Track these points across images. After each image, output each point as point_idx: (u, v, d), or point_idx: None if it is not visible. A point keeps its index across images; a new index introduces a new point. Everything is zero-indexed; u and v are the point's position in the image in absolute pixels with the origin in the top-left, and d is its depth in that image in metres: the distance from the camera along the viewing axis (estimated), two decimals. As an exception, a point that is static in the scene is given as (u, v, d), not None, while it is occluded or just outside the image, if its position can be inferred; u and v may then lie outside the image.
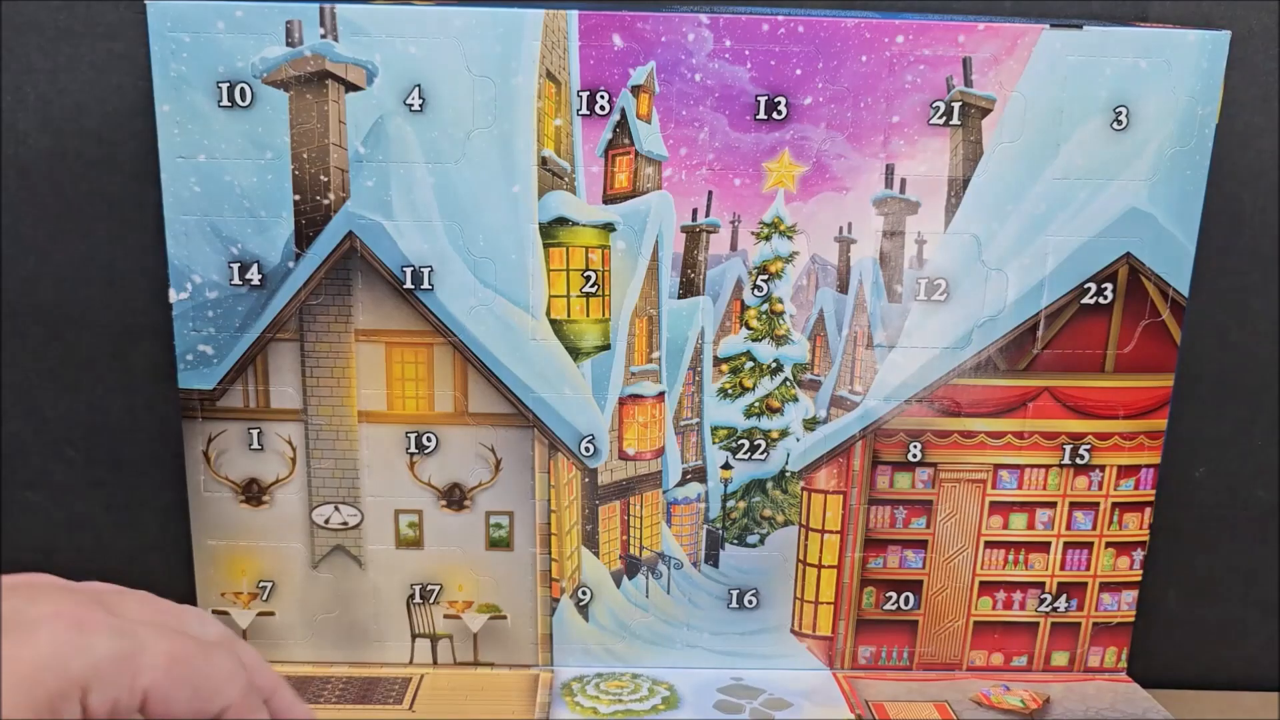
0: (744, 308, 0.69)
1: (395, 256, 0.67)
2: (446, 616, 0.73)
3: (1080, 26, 0.65)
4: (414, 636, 0.73)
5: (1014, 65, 0.65)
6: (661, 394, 0.70)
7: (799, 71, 0.65)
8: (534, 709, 0.68)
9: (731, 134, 0.66)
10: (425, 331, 0.68)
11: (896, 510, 0.72)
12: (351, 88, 0.64)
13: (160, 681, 0.37)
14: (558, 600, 0.73)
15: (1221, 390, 0.80)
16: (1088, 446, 0.71)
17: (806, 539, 0.72)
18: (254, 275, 0.67)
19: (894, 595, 0.73)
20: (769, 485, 0.72)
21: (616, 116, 0.66)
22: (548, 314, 0.68)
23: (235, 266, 0.67)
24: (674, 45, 0.65)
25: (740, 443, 0.71)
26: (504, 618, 0.73)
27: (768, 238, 0.68)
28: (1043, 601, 0.74)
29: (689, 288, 0.69)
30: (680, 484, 0.72)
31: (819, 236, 0.68)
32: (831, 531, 0.72)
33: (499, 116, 0.65)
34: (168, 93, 0.64)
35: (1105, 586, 0.73)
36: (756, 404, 0.71)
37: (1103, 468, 0.72)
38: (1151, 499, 0.73)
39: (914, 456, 0.71)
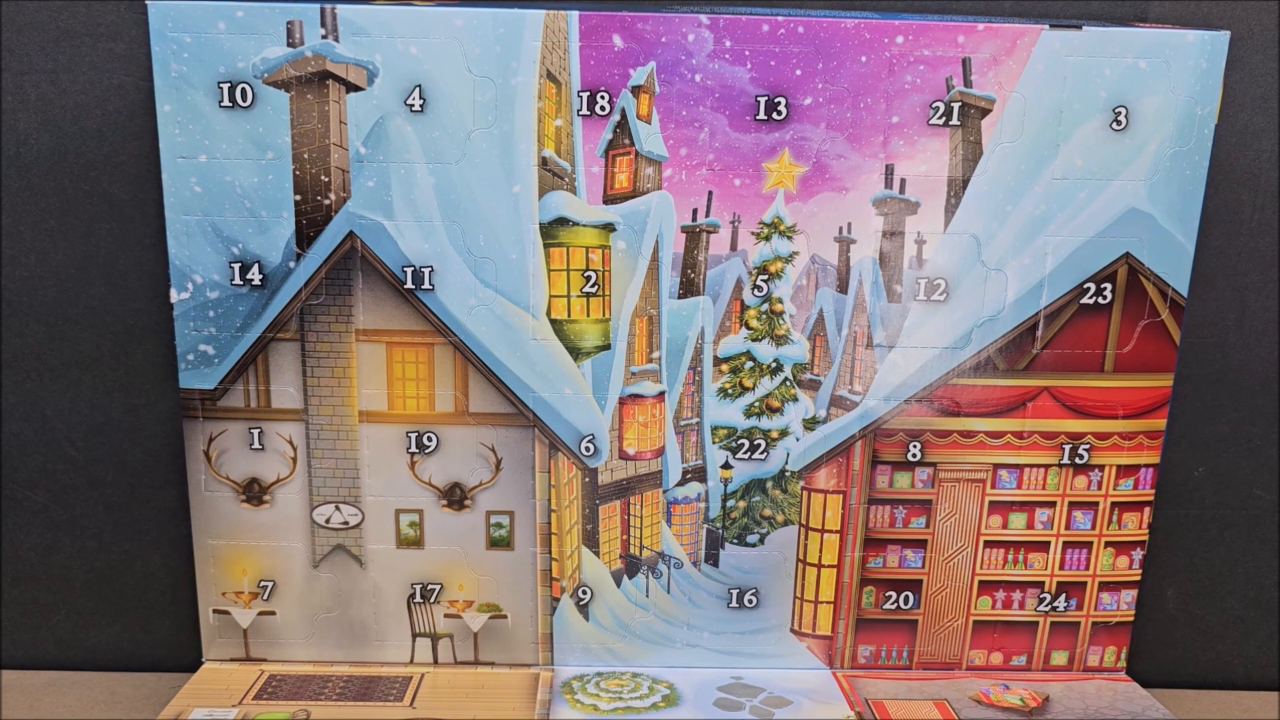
0: (744, 308, 0.69)
1: (396, 256, 0.67)
2: (447, 616, 0.73)
3: (1080, 27, 0.65)
4: (414, 636, 0.73)
5: (1013, 66, 0.65)
6: (661, 394, 0.70)
7: (799, 72, 0.65)
8: (534, 707, 0.68)
9: (731, 134, 0.66)
10: (426, 331, 0.68)
11: (896, 510, 0.72)
12: (352, 88, 0.65)
13: None
14: (558, 599, 0.73)
15: (1220, 390, 0.80)
16: (1087, 446, 0.71)
17: (806, 538, 0.72)
18: (255, 275, 0.67)
19: (894, 594, 0.73)
20: (769, 485, 0.72)
21: (617, 117, 0.66)
22: (548, 314, 0.68)
23: (236, 266, 0.67)
24: (674, 45, 0.65)
25: (740, 442, 0.71)
26: (504, 617, 0.73)
27: (768, 238, 0.68)
28: (1042, 601, 0.74)
29: (689, 288, 0.69)
30: (680, 483, 0.72)
31: (819, 236, 0.68)
32: (831, 531, 0.72)
33: (499, 116, 0.65)
34: (169, 93, 0.64)
35: (1104, 586, 0.74)
36: (756, 404, 0.71)
37: (1102, 467, 0.72)
38: (1151, 499, 0.73)
39: (914, 456, 0.71)
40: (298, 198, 0.66)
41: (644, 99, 0.65)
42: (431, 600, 0.72)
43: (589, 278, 0.68)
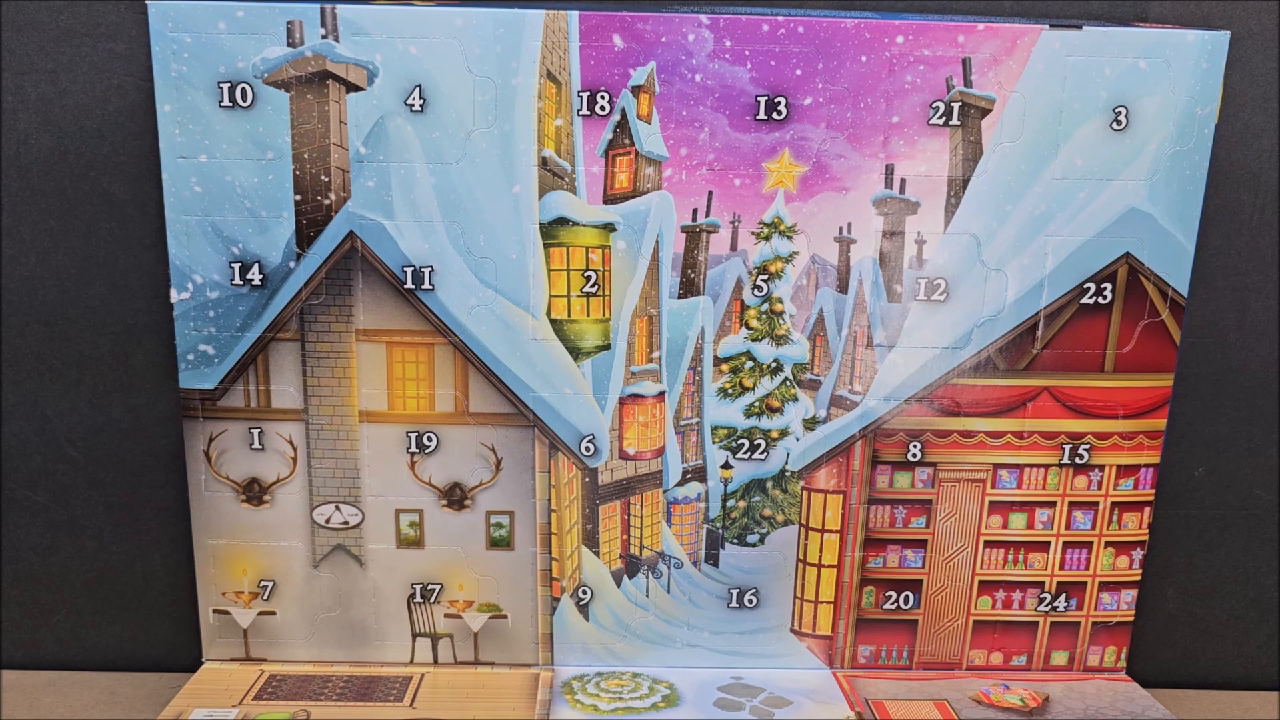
0: (744, 308, 0.69)
1: (396, 256, 0.67)
2: (447, 616, 0.73)
3: (1080, 27, 0.65)
4: (414, 636, 0.73)
5: (1013, 65, 0.65)
6: (661, 394, 0.70)
7: (799, 71, 0.65)
8: (534, 708, 0.68)
9: (731, 134, 0.66)
10: (426, 331, 0.68)
11: (896, 510, 0.72)
12: (352, 88, 0.65)
13: None
14: (558, 599, 0.73)
15: (1221, 390, 0.80)
16: (1087, 446, 0.71)
17: (806, 538, 0.72)
18: (255, 275, 0.67)
19: (894, 594, 0.73)
20: (769, 485, 0.72)
21: (617, 117, 0.66)
22: (548, 314, 0.68)
23: (236, 266, 0.67)
24: (674, 45, 0.65)
25: (740, 442, 0.71)
26: (504, 617, 0.73)
27: (768, 238, 0.68)
28: (1042, 601, 0.74)
29: (689, 288, 0.69)
30: (680, 483, 0.72)
31: (819, 236, 0.68)
32: (831, 531, 0.72)
33: (499, 116, 0.65)
34: (169, 93, 0.64)
35: (1104, 586, 0.74)
36: (756, 404, 0.71)
37: (1102, 467, 0.72)
38: (1151, 499, 0.73)
39: (914, 456, 0.71)
40: (298, 198, 0.66)
41: (644, 99, 0.65)
42: (431, 600, 0.72)
43: (589, 278, 0.68)
